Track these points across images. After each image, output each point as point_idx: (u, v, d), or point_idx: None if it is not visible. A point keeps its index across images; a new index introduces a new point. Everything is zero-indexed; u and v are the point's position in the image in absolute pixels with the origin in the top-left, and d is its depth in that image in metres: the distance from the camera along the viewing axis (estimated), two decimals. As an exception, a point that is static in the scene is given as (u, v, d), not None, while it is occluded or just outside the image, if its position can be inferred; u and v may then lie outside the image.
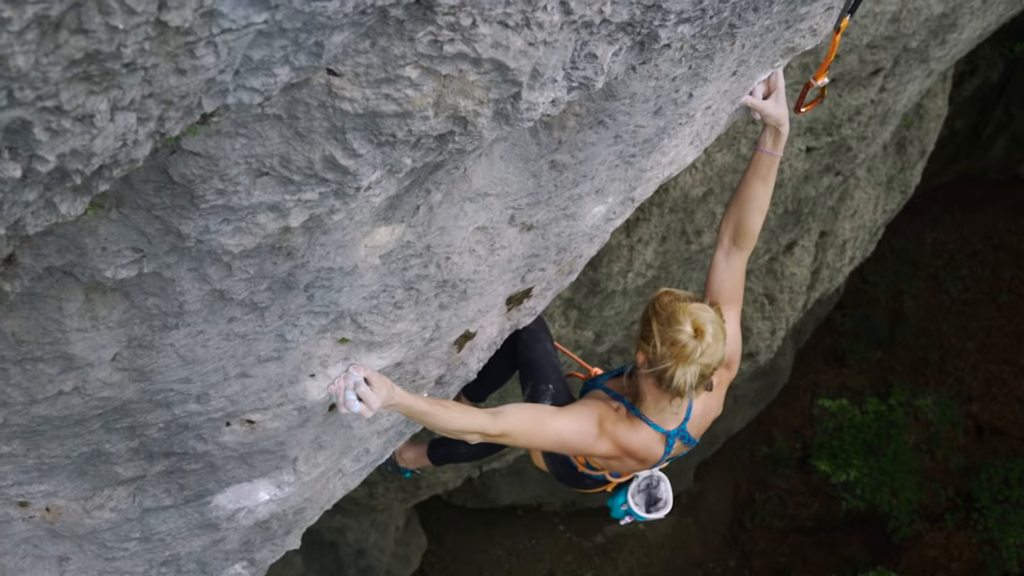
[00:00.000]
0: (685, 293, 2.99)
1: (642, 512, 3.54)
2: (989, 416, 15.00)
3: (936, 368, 15.42)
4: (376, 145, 1.72)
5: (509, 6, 1.56)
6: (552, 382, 3.65)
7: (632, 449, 3.17)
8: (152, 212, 1.74)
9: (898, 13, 6.59)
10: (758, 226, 3.21)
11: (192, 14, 1.24)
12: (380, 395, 2.51)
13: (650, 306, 3.02)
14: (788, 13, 2.45)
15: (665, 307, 2.91)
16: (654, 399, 3.08)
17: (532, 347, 3.78)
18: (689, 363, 2.86)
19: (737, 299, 3.29)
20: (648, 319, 2.96)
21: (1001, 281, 15.87)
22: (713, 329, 2.87)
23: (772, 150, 3.12)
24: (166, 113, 1.42)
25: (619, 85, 2.26)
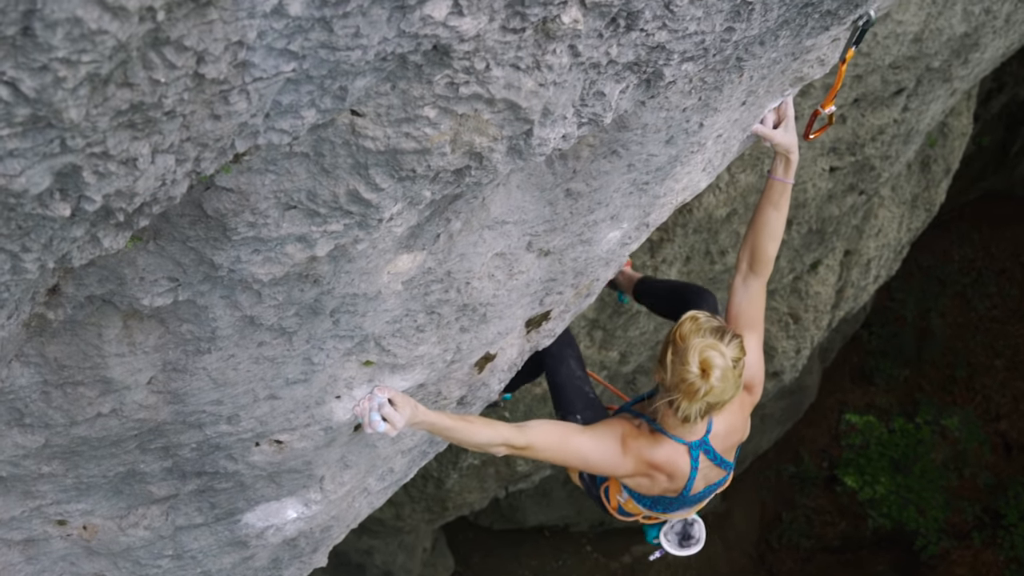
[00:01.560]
0: (709, 322, 3.02)
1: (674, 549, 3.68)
2: (1017, 434, 14.88)
3: (964, 386, 15.32)
4: (397, 180, 1.82)
5: (520, 50, 1.66)
6: (579, 412, 3.73)
7: (658, 463, 3.21)
8: (187, 244, 1.85)
9: (920, 33, 6.63)
10: (773, 252, 3.29)
11: (227, 66, 1.35)
12: (403, 415, 2.62)
13: (674, 331, 3.06)
14: (794, 46, 2.53)
15: (683, 338, 2.98)
16: (671, 418, 3.14)
17: (557, 370, 3.86)
18: (694, 400, 2.95)
19: (757, 324, 3.34)
20: (667, 345, 3.03)
21: (1030, 298, 15.78)
22: (721, 371, 2.92)
23: (784, 177, 3.20)
24: (202, 154, 1.53)
25: (631, 117, 2.35)
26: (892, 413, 14.75)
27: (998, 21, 7.14)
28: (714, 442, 3.30)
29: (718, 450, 3.32)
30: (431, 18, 1.49)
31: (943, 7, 6.52)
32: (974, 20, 6.81)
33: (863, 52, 6.50)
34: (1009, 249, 16.05)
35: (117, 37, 1.15)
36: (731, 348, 2.97)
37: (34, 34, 1.08)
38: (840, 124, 7.39)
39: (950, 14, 6.58)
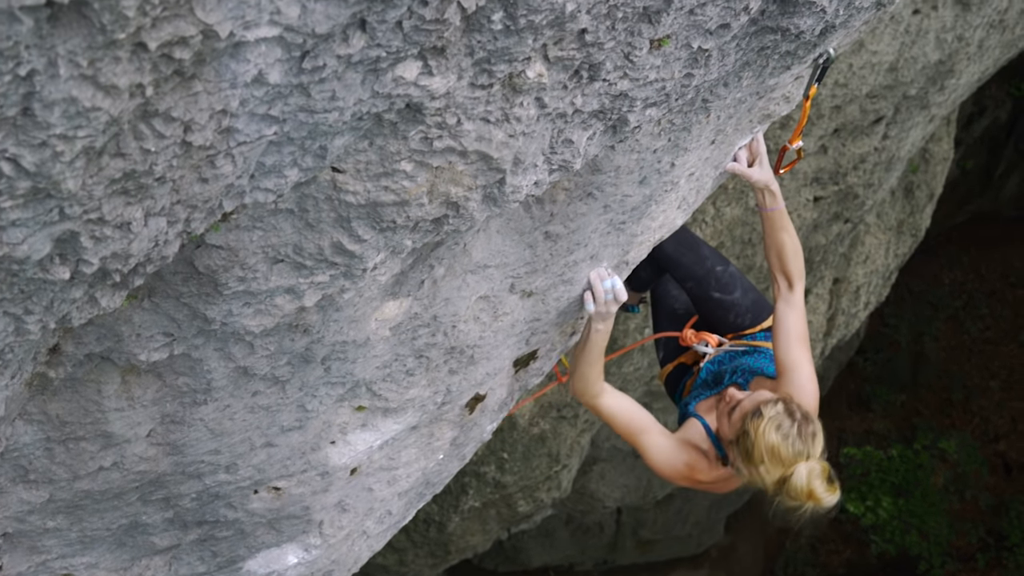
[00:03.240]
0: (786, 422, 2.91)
1: None
2: (1016, 454, 14.90)
3: (961, 408, 15.38)
4: (379, 231, 1.92)
5: (489, 105, 1.77)
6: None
7: (720, 487, 3.32)
8: (181, 300, 1.94)
9: (895, 62, 6.78)
10: (801, 264, 3.37)
11: (212, 133, 1.44)
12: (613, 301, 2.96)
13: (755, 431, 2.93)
14: (758, 85, 2.64)
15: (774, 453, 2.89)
16: None
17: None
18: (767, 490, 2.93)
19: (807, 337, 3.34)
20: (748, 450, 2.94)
21: (1021, 319, 15.86)
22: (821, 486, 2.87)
23: (773, 207, 3.30)
24: (192, 215, 1.62)
25: (603, 160, 2.46)
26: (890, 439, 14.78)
27: (971, 48, 7.29)
28: None
29: None
30: (403, 79, 1.59)
31: (916, 36, 6.67)
32: (947, 47, 6.96)
33: (840, 83, 6.65)
34: (998, 271, 16.17)
35: (110, 113, 1.24)
36: (817, 445, 2.93)
37: (33, 114, 1.18)
38: (822, 154, 7.53)
39: (923, 42, 6.74)
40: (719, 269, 3.87)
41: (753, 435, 2.92)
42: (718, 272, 3.86)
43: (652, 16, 1.82)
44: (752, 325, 3.83)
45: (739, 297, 3.85)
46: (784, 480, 2.88)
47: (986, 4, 6.67)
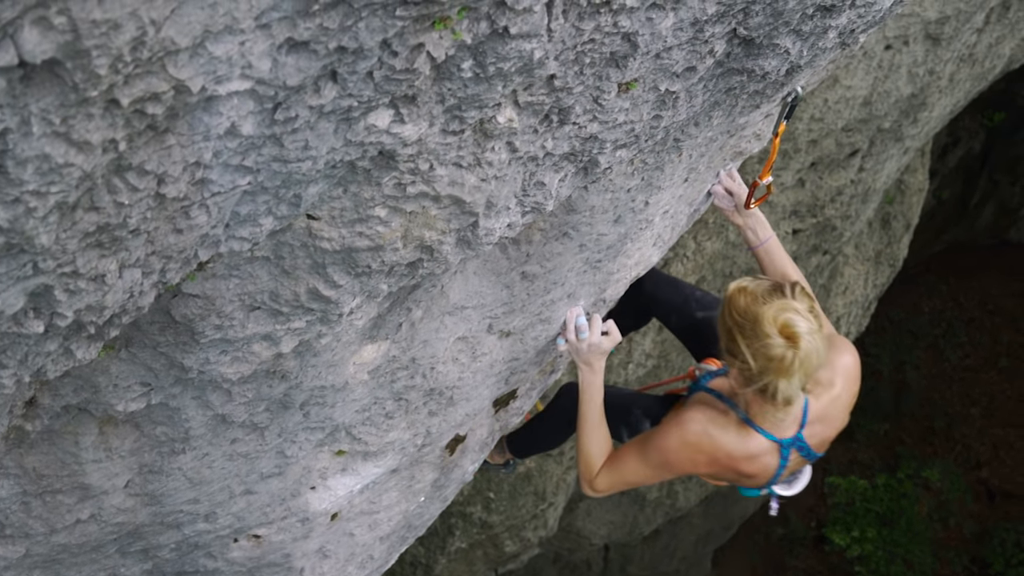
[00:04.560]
0: (760, 284, 2.71)
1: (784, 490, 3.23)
2: (999, 481, 14.95)
3: (943, 436, 15.43)
4: (354, 276, 1.93)
5: (461, 150, 1.79)
6: (636, 406, 3.45)
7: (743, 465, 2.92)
8: (157, 349, 1.94)
9: (869, 96, 6.89)
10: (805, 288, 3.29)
11: (186, 185, 1.46)
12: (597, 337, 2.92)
13: (727, 315, 2.73)
14: (728, 124, 2.68)
15: (745, 315, 2.66)
16: (761, 408, 2.83)
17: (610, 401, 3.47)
18: (791, 375, 2.63)
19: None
20: (731, 331, 2.71)
21: (1000, 346, 15.98)
22: (807, 330, 2.61)
23: (764, 239, 3.32)
24: (167, 266, 1.63)
25: (578, 200, 2.48)
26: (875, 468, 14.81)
27: (942, 81, 7.42)
28: (810, 438, 2.97)
29: (812, 446, 2.99)
30: (375, 127, 1.62)
31: (888, 71, 6.78)
32: (919, 81, 7.08)
33: (816, 117, 6.74)
34: (976, 298, 16.32)
35: (83, 168, 1.25)
36: (800, 300, 2.68)
37: (6, 171, 1.19)
38: (799, 187, 7.61)
39: (896, 77, 6.85)
40: (698, 294, 3.76)
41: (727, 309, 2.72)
42: (697, 295, 3.75)
43: (619, 61, 1.85)
44: None
45: None
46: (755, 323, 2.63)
47: (956, 39, 6.80)
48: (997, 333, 16.01)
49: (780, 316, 2.62)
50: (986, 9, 6.79)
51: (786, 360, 2.61)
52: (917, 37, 6.51)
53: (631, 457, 3.05)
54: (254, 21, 1.27)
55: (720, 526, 12.81)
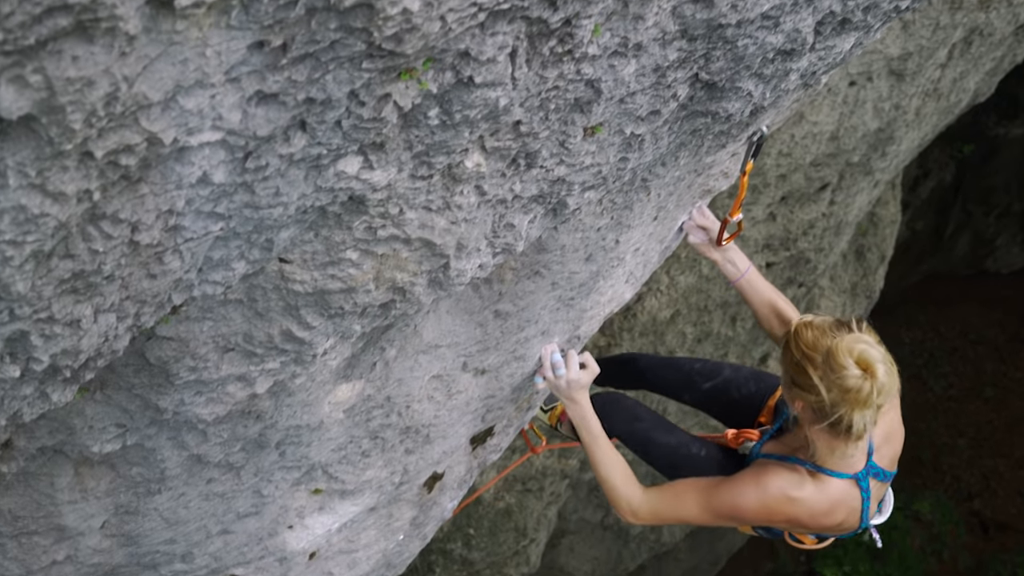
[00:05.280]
0: (824, 320, 2.74)
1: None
2: (992, 512, 14.92)
3: (931, 468, 15.44)
4: (327, 317, 1.97)
5: (430, 194, 1.84)
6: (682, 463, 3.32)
7: (822, 517, 2.89)
8: (132, 391, 1.97)
9: (836, 131, 7.00)
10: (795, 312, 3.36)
11: (159, 232, 1.50)
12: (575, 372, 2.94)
13: (794, 349, 2.73)
14: (696, 163, 2.75)
15: (815, 347, 2.67)
16: (829, 446, 2.82)
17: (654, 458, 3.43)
18: (867, 406, 2.63)
19: None
20: (800, 365, 2.70)
21: (984, 375, 16.03)
22: (883, 361, 2.64)
23: (744, 271, 3.39)
24: (141, 310, 1.67)
25: (548, 239, 2.53)
26: (862, 500, 14.75)
27: (909, 115, 7.55)
28: (880, 460, 3.01)
29: (883, 466, 3.02)
30: (344, 173, 1.66)
31: (854, 106, 6.90)
32: (885, 116, 7.20)
33: (784, 152, 6.85)
34: (957, 328, 16.42)
35: (58, 218, 1.29)
36: (868, 332, 2.71)
37: (-18, 222, 1.23)
38: (771, 221, 7.70)
39: (862, 112, 6.97)
40: (697, 365, 3.78)
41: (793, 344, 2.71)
42: (697, 367, 3.77)
43: (584, 106, 1.91)
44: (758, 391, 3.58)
45: (730, 374, 3.70)
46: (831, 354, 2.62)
47: (919, 74, 6.93)
48: (980, 363, 16.10)
49: (855, 347, 2.63)
50: (948, 45, 6.93)
51: (863, 391, 2.61)
52: (881, 73, 6.63)
53: (692, 500, 2.99)
54: (224, 75, 1.32)
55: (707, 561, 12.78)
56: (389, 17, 1.35)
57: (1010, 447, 15.41)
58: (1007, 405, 15.70)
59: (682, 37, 1.94)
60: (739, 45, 2.06)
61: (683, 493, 3.03)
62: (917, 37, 6.52)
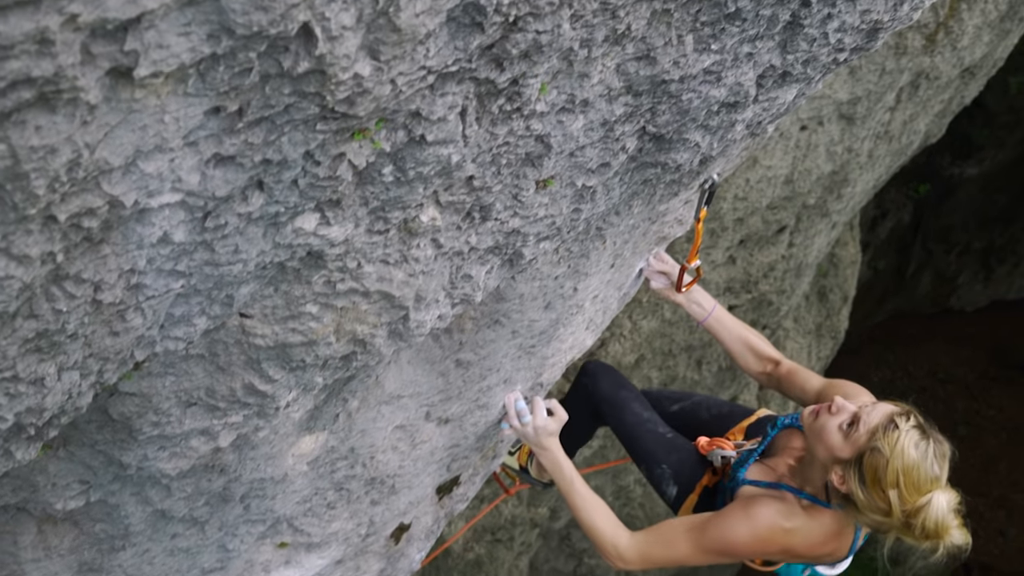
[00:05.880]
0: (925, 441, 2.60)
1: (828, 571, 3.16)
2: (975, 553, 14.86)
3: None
4: (289, 370, 2.01)
5: (387, 248, 1.90)
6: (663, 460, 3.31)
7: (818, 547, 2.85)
8: (96, 447, 1.99)
9: (790, 175, 7.14)
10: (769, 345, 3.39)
11: (122, 291, 1.54)
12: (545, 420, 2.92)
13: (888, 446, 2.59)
14: (649, 212, 2.83)
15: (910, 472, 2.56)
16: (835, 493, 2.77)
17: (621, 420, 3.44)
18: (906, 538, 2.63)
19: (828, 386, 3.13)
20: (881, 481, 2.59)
21: (955, 413, 16.09)
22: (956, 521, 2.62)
23: (710, 310, 3.44)
24: (104, 367, 1.70)
25: (507, 289, 2.59)
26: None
27: (861, 158, 7.72)
28: None
29: None
30: (302, 230, 1.72)
31: (807, 150, 7.06)
32: (838, 159, 7.37)
33: (740, 197, 6.98)
34: (925, 367, 16.51)
35: (23, 280, 1.33)
36: (947, 467, 2.65)
37: (-53, 285, 1.27)
38: (731, 264, 7.82)
39: (815, 155, 7.13)
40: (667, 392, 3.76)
41: (888, 452, 2.57)
42: (666, 392, 3.75)
43: (535, 160, 1.98)
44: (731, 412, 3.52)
45: (700, 398, 3.68)
46: (918, 511, 2.57)
47: (869, 118, 7.12)
48: (951, 401, 16.19)
49: (947, 519, 2.59)
50: (896, 89, 7.13)
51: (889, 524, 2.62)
52: (831, 117, 6.80)
53: (682, 541, 2.90)
54: (182, 140, 1.37)
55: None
56: (341, 82, 1.42)
57: (987, 486, 15.44)
58: (981, 443, 15.79)
59: (627, 93, 2.02)
60: (683, 99, 2.15)
61: (671, 532, 2.94)
62: (864, 82, 6.71)
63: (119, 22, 1.14)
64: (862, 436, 2.67)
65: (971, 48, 7.40)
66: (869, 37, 2.39)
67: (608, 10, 1.74)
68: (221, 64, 1.29)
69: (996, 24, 7.45)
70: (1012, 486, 15.21)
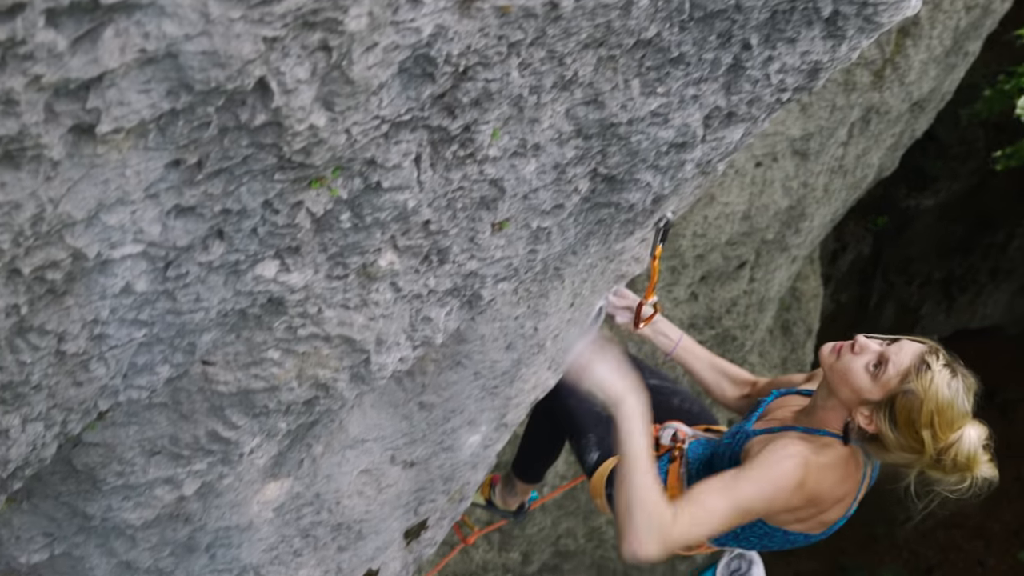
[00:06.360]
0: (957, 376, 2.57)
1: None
2: (955, 584, 14.95)
3: (886, 542, 15.45)
4: (252, 416, 2.03)
5: (347, 292, 1.94)
6: (593, 432, 3.28)
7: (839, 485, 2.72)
8: (60, 499, 2.00)
9: (748, 211, 7.26)
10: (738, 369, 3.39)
11: (85, 341, 1.57)
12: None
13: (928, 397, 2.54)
14: (606, 251, 2.89)
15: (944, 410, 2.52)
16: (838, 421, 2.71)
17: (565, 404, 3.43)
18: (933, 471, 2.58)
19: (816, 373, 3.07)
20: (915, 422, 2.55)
21: (928, 444, 16.18)
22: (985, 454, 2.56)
23: (677, 340, 3.45)
24: (68, 417, 1.72)
25: (467, 330, 2.63)
26: (820, 582, 14.72)
27: (817, 192, 7.87)
28: None
29: None
30: (262, 277, 1.75)
31: (763, 186, 7.19)
32: (795, 194, 7.51)
33: (699, 234, 7.08)
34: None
35: (-15, 333, 1.36)
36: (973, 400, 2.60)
37: (-89, 341, 1.29)
38: (693, 301, 7.91)
39: (771, 191, 7.26)
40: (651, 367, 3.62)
41: (922, 394, 2.54)
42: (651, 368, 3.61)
43: (489, 204, 2.04)
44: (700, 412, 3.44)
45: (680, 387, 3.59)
46: (950, 446, 2.53)
47: (823, 152, 7.28)
48: (923, 432, 16.28)
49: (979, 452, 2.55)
50: (847, 124, 7.30)
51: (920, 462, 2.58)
52: (785, 153, 6.95)
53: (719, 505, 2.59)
54: (143, 192, 1.41)
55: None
56: (297, 133, 1.46)
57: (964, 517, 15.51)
58: (957, 474, 15.84)
59: (578, 136, 2.09)
60: (633, 141, 2.22)
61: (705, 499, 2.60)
62: (816, 118, 6.87)
63: (81, 81, 1.19)
64: (893, 378, 2.62)
65: (919, 83, 7.61)
66: (810, 77, 2.47)
67: (555, 57, 1.81)
68: (180, 119, 1.34)
69: (942, 59, 7.66)
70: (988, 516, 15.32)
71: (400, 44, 1.46)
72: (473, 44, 1.59)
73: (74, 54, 1.16)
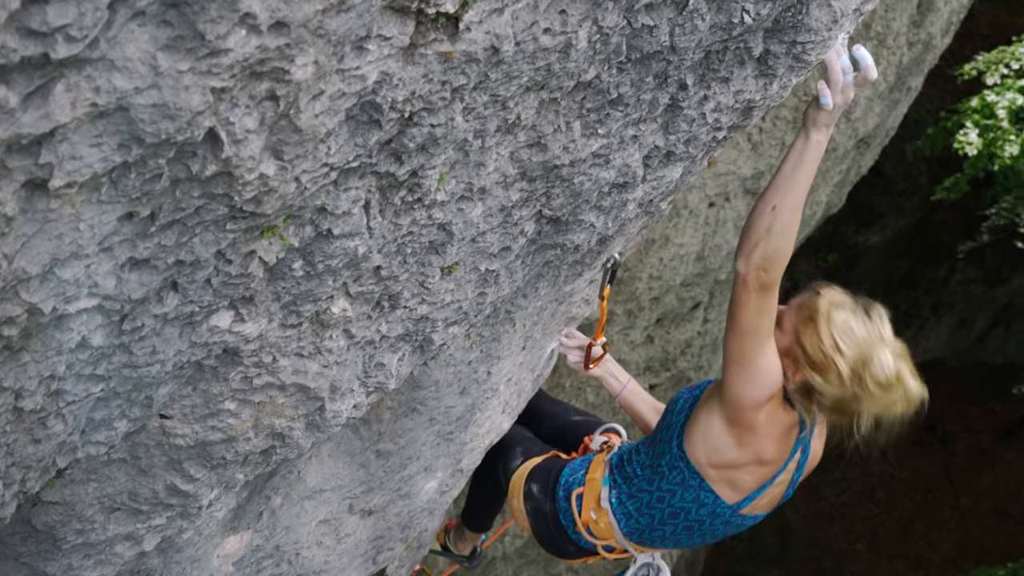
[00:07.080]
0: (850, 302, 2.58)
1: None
2: (896, 613, 15.09)
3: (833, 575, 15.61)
4: (210, 468, 2.05)
5: (301, 341, 1.97)
6: (520, 446, 3.38)
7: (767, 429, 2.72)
8: (20, 560, 1.99)
9: (701, 251, 7.37)
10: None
11: (42, 397, 1.58)
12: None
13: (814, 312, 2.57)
14: (556, 293, 2.95)
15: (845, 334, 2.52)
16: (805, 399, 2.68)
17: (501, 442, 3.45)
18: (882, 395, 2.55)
19: None
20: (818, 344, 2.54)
21: (872, 478, 16.41)
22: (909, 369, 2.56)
23: (625, 382, 3.51)
24: (27, 475, 1.72)
25: (421, 376, 2.67)
26: (771, 616, 14.82)
27: (767, 232, 7.99)
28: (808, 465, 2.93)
29: (803, 475, 2.94)
30: (217, 328, 1.78)
31: (716, 226, 7.32)
32: (745, 235, 7.62)
33: (654, 276, 7.18)
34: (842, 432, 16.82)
35: (-59, 390, 1.37)
36: (887, 325, 2.62)
37: None
38: (649, 344, 7.99)
39: (724, 231, 7.39)
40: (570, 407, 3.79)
41: (819, 319, 2.55)
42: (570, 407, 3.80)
43: (438, 248, 2.09)
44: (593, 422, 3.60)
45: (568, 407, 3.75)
46: (865, 364, 2.52)
47: (771, 193, 7.42)
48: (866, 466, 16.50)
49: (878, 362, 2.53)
50: (795, 163, 7.45)
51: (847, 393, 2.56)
52: (737, 192, 7.09)
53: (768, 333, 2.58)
54: (97, 246, 1.44)
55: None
56: (247, 182, 1.51)
57: (905, 548, 15.70)
58: (897, 505, 16.10)
59: (522, 178, 2.15)
60: (575, 182, 2.29)
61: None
62: (766, 156, 7.04)
63: (34, 136, 1.22)
64: (791, 316, 2.66)
65: (864, 119, 7.82)
66: (744, 115, 2.57)
67: (498, 101, 1.88)
68: (133, 171, 1.38)
69: (886, 95, 7.89)
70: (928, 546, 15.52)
71: (346, 92, 1.51)
72: (418, 90, 1.65)
73: (26, 110, 1.19)
